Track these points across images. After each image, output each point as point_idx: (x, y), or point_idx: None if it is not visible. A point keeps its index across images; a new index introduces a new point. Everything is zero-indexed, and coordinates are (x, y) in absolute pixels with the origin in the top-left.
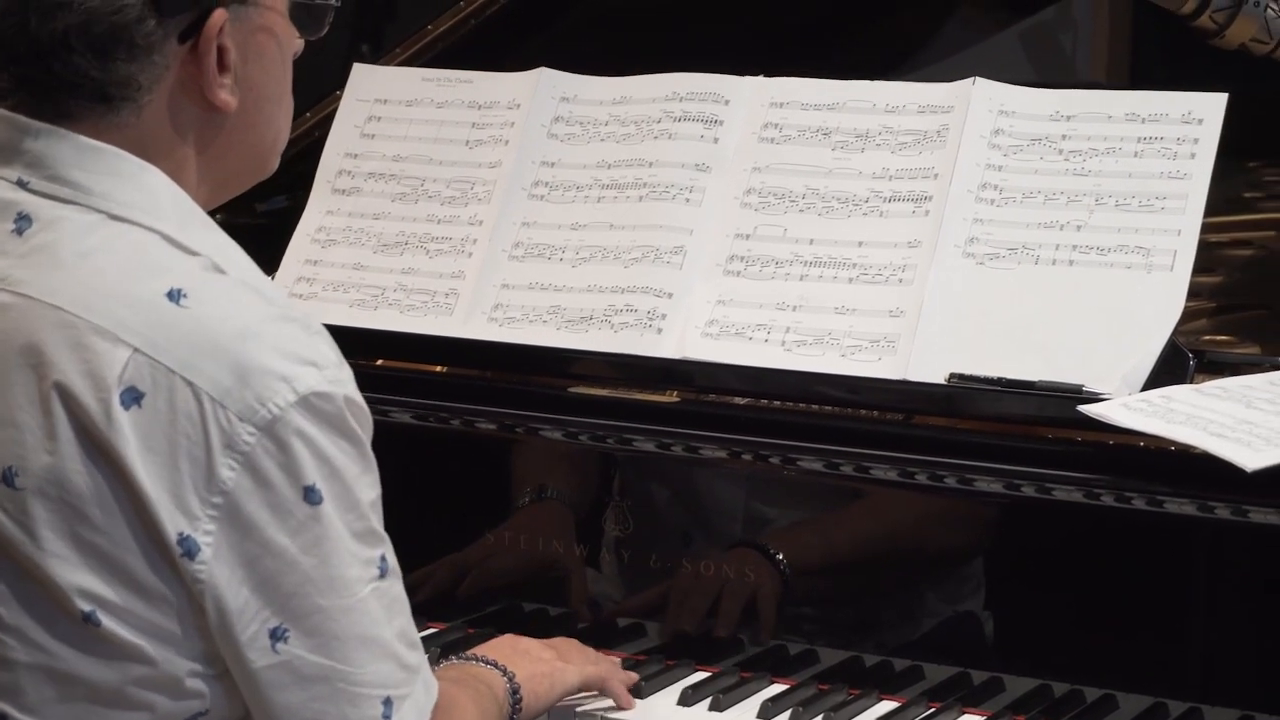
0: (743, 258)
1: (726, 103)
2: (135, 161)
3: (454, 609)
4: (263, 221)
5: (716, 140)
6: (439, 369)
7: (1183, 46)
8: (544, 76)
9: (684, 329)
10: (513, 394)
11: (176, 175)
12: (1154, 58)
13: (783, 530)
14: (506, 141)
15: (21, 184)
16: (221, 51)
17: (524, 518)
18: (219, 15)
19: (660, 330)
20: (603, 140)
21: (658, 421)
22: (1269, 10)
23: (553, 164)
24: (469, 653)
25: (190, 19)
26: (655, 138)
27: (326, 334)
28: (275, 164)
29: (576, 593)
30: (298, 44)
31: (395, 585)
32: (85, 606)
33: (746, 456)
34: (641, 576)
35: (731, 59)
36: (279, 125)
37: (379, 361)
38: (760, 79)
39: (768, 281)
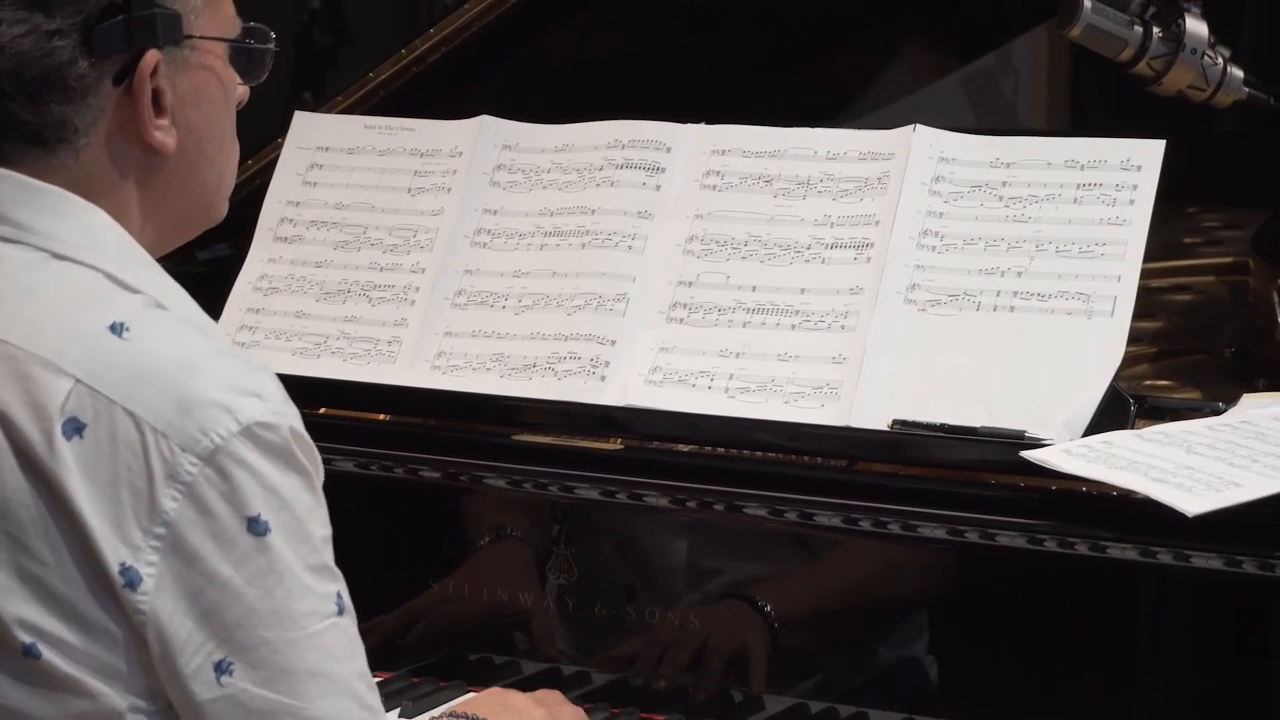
0: (685, 305)
1: (668, 150)
2: (78, 202)
3: (398, 658)
4: (204, 269)
5: (659, 188)
6: (382, 417)
7: (1121, 93)
8: (486, 124)
9: (627, 376)
10: (456, 442)
11: (119, 217)
12: (1093, 104)
13: (727, 579)
14: (449, 189)
15: None
16: (158, 93)
17: (470, 567)
18: (151, 56)
19: (604, 378)
20: (545, 188)
21: (601, 469)
22: (1205, 58)
23: (495, 211)
24: (455, 709)
25: (124, 61)
26: (597, 185)
27: (270, 371)
28: (223, 209)
29: (520, 641)
30: (241, 91)
31: (350, 625)
32: (25, 638)
33: (690, 504)
34: (586, 624)
35: (673, 106)
36: (223, 169)
37: (321, 410)
38: (702, 127)
39: (710, 328)
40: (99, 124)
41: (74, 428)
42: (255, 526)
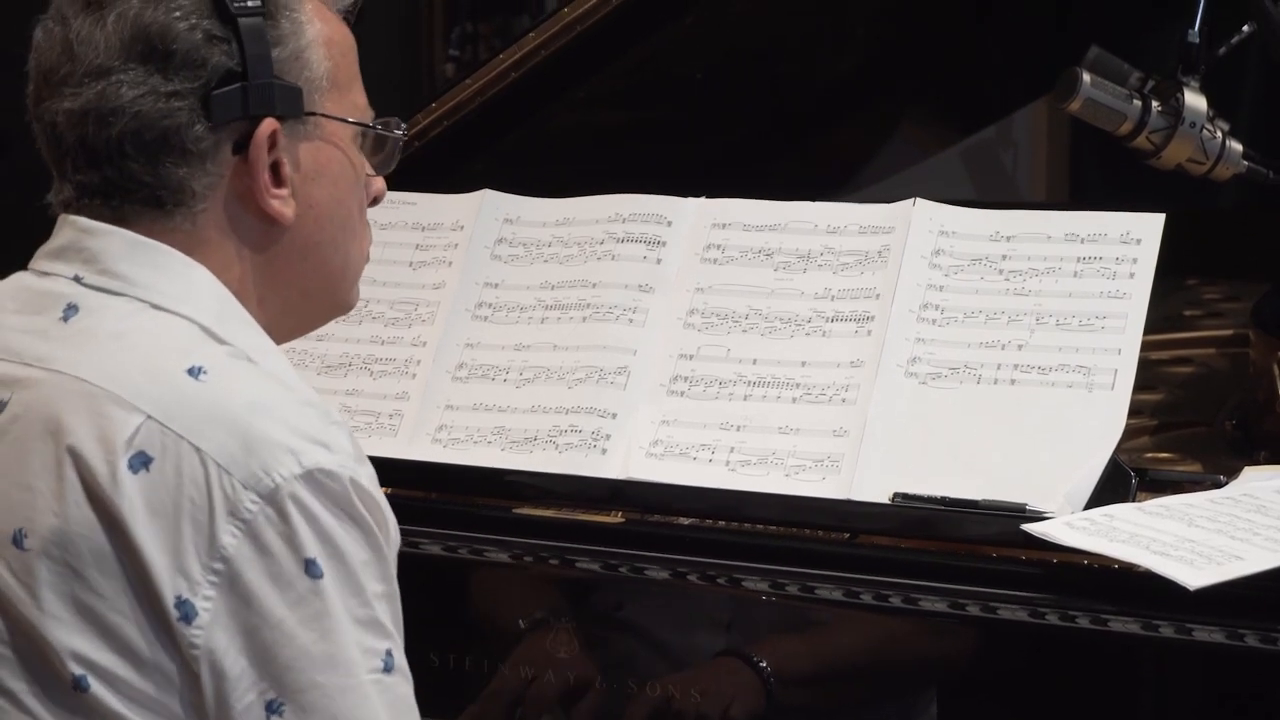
0: (686, 378)
1: (669, 224)
2: (182, 258)
3: None
4: None
5: (659, 261)
6: (384, 490)
7: (1121, 166)
8: (487, 198)
9: (628, 449)
10: (457, 515)
11: (234, 284)
12: (1093, 177)
13: (729, 650)
14: (450, 263)
15: (77, 279)
16: (277, 164)
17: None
18: (268, 125)
19: (605, 451)
20: (546, 261)
21: (602, 542)
22: (1204, 131)
23: (496, 285)
24: None
25: (243, 129)
26: (598, 259)
27: (346, 428)
28: (353, 297)
29: (525, 715)
30: (377, 184)
31: (401, 686)
32: (76, 670)
33: (692, 577)
34: (587, 698)
35: (673, 180)
36: (348, 252)
37: None
38: (702, 200)
39: (711, 401)
40: (217, 190)
41: (141, 461)
42: (312, 570)
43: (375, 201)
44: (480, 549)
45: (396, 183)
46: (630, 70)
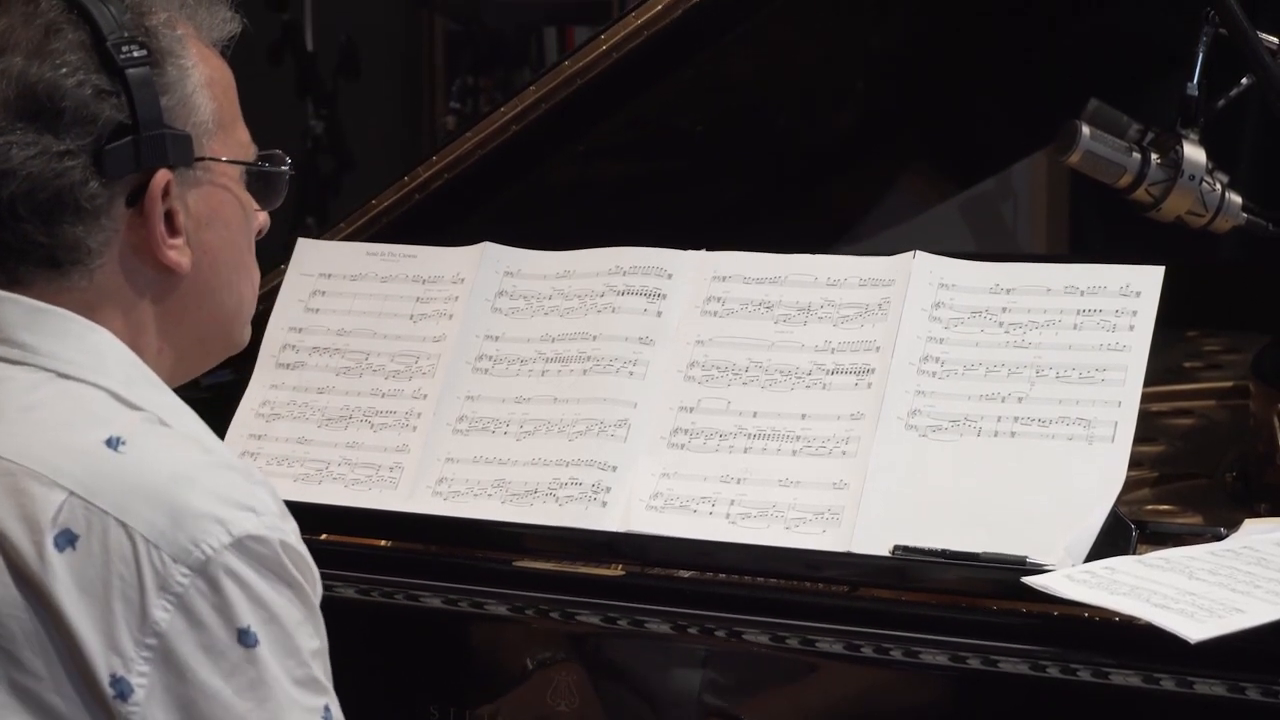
0: (686, 430)
1: (669, 276)
2: (83, 322)
3: None
4: (206, 395)
5: (660, 314)
6: (383, 543)
7: (1120, 218)
8: (487, 251)
9: (629, 502)
10: (458, 568)
11: (134, 338)
12: (1092, 229)
13: (726, 704)
14: (450, 315)
15: None
16: (171, 213)
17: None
18: (162, 176)
19: (605, 503)
20: (546, 314)
21: (603, 595)
22: (1203, 183)
23: (496, 337)
24: None
25: (136, 181)
26: (599, 311)
27: (269, 485)
28: (244, 335)
29: None
30: (261, 218)
31: None
32: None
33: (692, 630)
34: None
35: (674, 233)
36: (241, 293)
37: (323, 536)
38: (702, 253)
39: (712, 454)
40: (112, 244)
41: (67, 539)
42: (245, 638)
43: (260, 234)
44: (480, 602)
45: (398, 235)
46: (631, 123)
